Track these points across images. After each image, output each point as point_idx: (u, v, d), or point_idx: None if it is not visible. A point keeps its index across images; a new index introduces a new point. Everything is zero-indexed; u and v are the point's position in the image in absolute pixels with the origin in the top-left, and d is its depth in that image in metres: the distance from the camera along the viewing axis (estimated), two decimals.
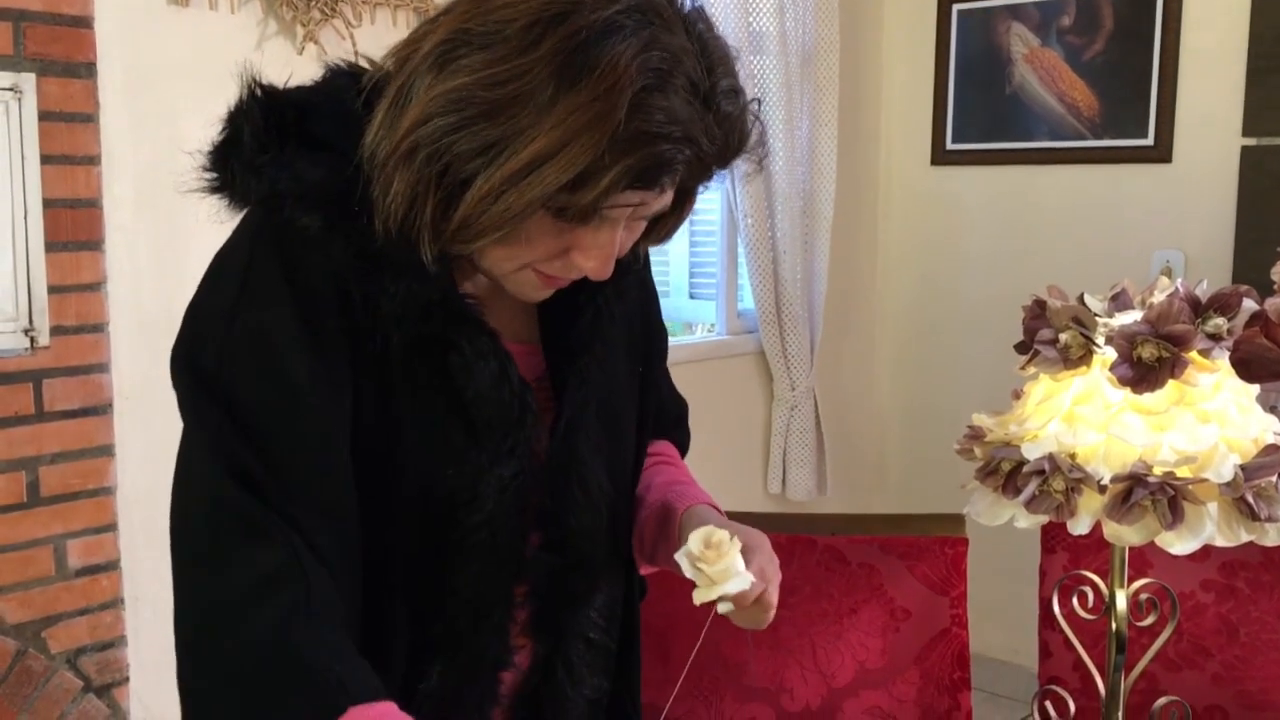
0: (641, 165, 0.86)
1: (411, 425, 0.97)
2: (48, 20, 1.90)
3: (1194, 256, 3.10)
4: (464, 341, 0.96)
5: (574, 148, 0.84)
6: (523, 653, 1.09)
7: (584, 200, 0.87)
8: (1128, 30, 3.14)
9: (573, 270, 0.96)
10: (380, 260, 0.92)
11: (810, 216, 3.22)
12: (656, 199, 0.92)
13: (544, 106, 0.84)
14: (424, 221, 0.90)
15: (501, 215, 0.87)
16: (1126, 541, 1.21)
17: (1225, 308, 1.22)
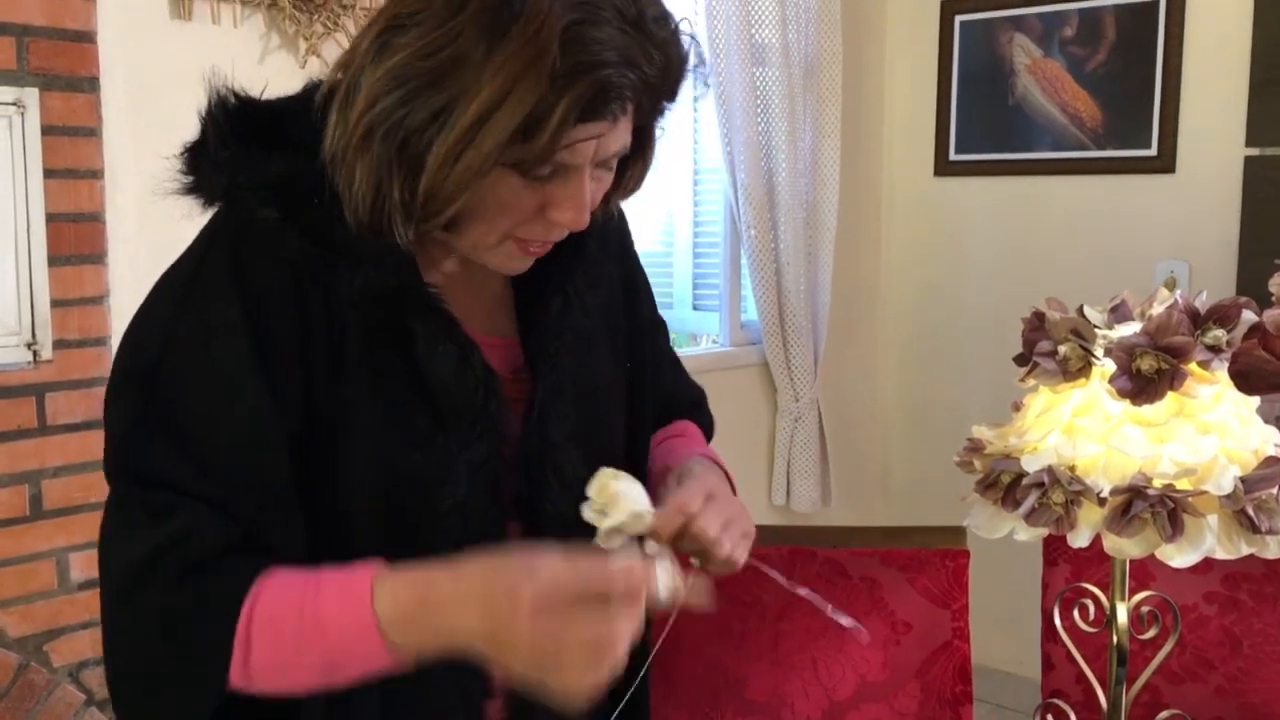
0: (587, 95, 0.89)
1: (373, 413, 0.98)
2: (51, 35, 1.91)
3: (1198, 267, 3.09)
4: (423, 329, 0.98)
5: (517, 93, 0.87)
6: None
7: (540, 143, 0.89)
8: (1130, 41, 3.14)
9: (552, 230, 0.98)
10: (338, 250, 0.95)
11: (813, 227, 3.22)
12: (611, 131, 0.94)
13: (481, 62, 0.88)
14: (394, 203, 0.93)
15: (464, 175, 0.90)
16: (1126, 554, 1.20)
17: (1224, 319, 1.22)
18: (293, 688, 0.93)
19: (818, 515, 3.34)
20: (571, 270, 1.09)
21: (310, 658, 0.91)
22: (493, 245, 0.99)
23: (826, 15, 3.17)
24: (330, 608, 0.91)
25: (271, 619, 0.91)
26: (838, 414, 3.44)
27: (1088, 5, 3.20)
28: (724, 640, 1.65)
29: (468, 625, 0.90)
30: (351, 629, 0.90)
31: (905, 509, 3.70)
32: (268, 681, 0.93)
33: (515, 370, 1.08)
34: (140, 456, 0.95)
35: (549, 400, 1.07)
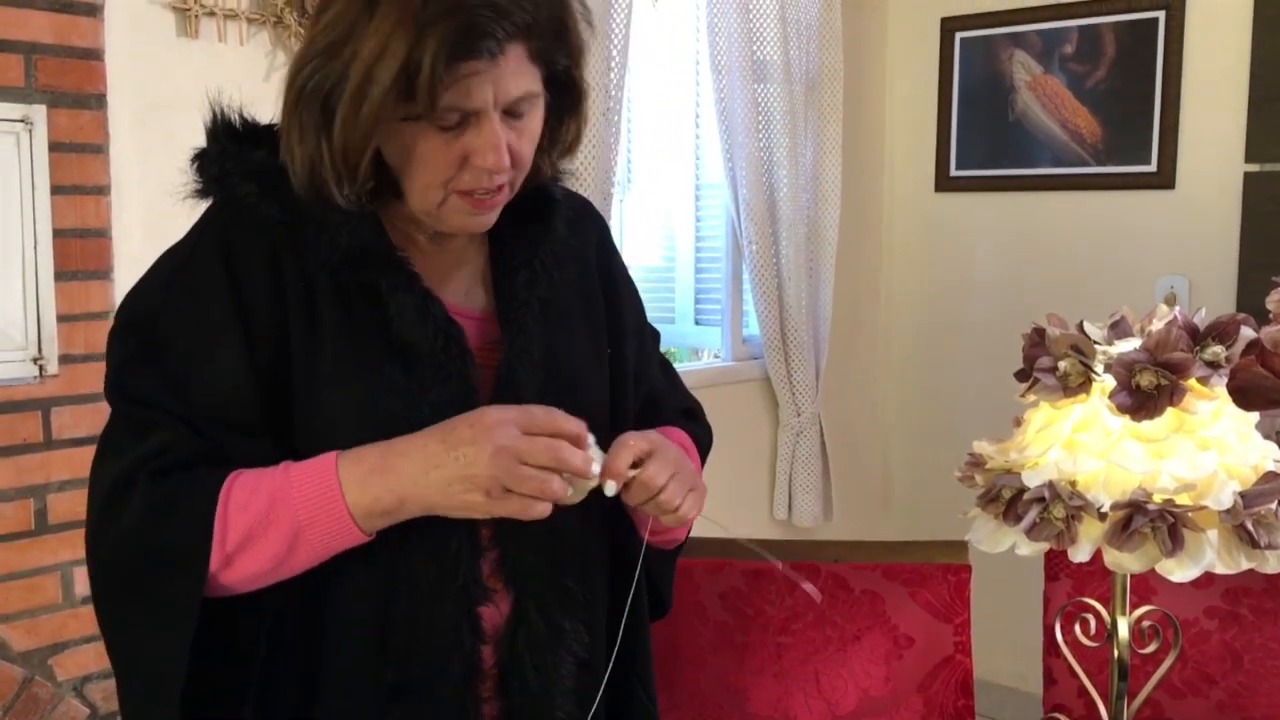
0: (453, 34, 0.99)
1: (346, 364, 1.08)
2: (59, 53, 1.93)
3: (1198, 282, 3.10)
4: (386, 283, 1.08)
5: (391, 44, 0.99)
6: (499, 595, 1.13)
7: (423, 87, 1.00)
8: (1130, 57, 3.15)
9: (483, 177, 1.07)
10: (309, 217, 1.08)
11: (815, 243, 3.23)
12: (494, 70, 1.02)
13: (365, 25, 1.01)
14: (324, 165, 1.05)
15: (365, 127, 1.02)
16: (1127, 569, 1.21)
17: (1223, 336, 1.23)
18: (262, 566, 1.04)
19: (819, 530, 3.34)
20: (537, 245, 1.18)
21: (277, 527, 1.03)
22: (438, 202, 1.09)
23: (828, 32, 3.19)
24: (296, 477, 1.04)
25: (244, 496, 1.03)
26: (839, 428, 3.45)
27: (1087, 22, 3.21)
28: (726, 653, 1.65)
29: (420, 460, 1.02)
30: (314, 491, 1.02)
31: (907, 523, 3.71)
32: (242, 562, 1.03)
33: (491, 342, 1.16)
34: (134, 382, 1.08)
35: (516, 362, 1.14)
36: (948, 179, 3.53)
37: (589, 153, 2.58)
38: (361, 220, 1.08)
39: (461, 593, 1.10)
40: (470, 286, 1.18)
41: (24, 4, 1.89)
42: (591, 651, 1.19)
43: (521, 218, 1.18)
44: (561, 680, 1.15)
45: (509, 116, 1.07)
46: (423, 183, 1.07)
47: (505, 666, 1.13)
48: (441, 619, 1.10)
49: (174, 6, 2.08)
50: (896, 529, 3.72)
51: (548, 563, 1.14)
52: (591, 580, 1.20)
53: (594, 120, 2.58)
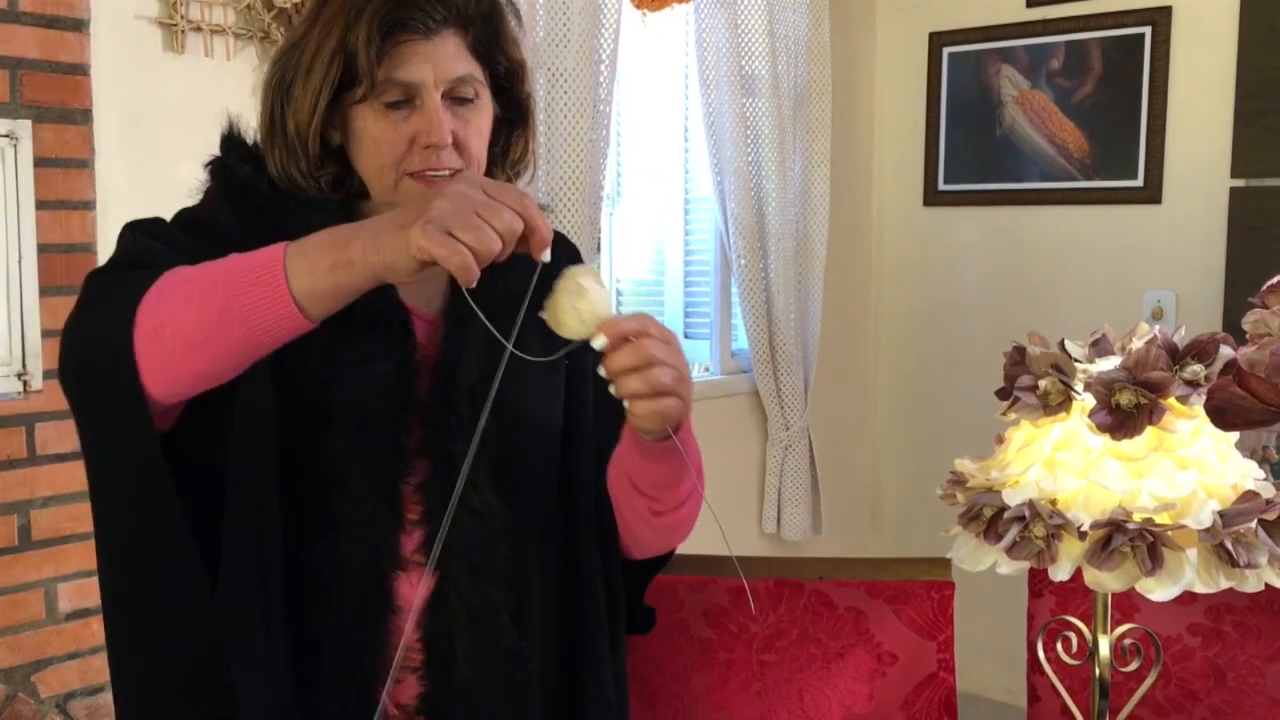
0: (384, 10, 1.11)
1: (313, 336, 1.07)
2: (44, 68, 1.93)
3: (1185, 297, 3.11)
4: None
5: (331, 30, 1.12)
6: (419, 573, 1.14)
7: (362, 63, 1.10)
8: (1116, 73, 3.17)
9: (430, 156, 1.14)
10: (294, 196, 1.17)
11: (804, 257, 3.24)
12: (429, 45, 1.12)
13: (315, 23, 1.14)
14: (286, 152, 1.16)
15: (312, 98, 1.13)
16: (1107, 588, 1.21)
17: (1202, 355, 1.24)
18: (189, 336, 1.00)
19: (809, 544, 3.34)
20: None
21: (210, 288, 1.00)
22: (393, 185, 1.16)
23: (816, 47, 3.20)
24: (238, 257, 1.02)
25: (184, 273, 1.04)
26: (828, 442, 3.45)
27: (1074, 37, 3.23)
28: (709, 670, 1.65)
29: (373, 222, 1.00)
30: (256, 257, 1.01)
31: (896, 537, 3.71)
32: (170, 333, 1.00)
33: (438, 343, 1.20)
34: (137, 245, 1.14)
35: (453, 352, 1.18)
36: (936, 193, 3.54)
37: (578, 166, 2.59)
38: (332, 213, 1.15)
39: (374, 556, 1.13)
40: (433, 295, 1.23)
41: (10, 19, 1.89)
42: (526, 643, 1.20)
43: None
44: (489, 669, 1.16)
45: (454, 102, 1.15)
46: (376, 165, 1.16)
47: (429, 646, 1.15)
48: (352, 579, 1.13)
49: (160, 22, 2.08)
50: (886, 542, 3.72)
51: (473, 547, 1.15)
52: (524, 571, 1.21)
53: (583, 134, 2.59)
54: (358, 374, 1.13)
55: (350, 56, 1.11)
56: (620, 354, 1.05)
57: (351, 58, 1.11)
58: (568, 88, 2.56)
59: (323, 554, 1.13)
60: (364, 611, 1.14)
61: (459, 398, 1.16)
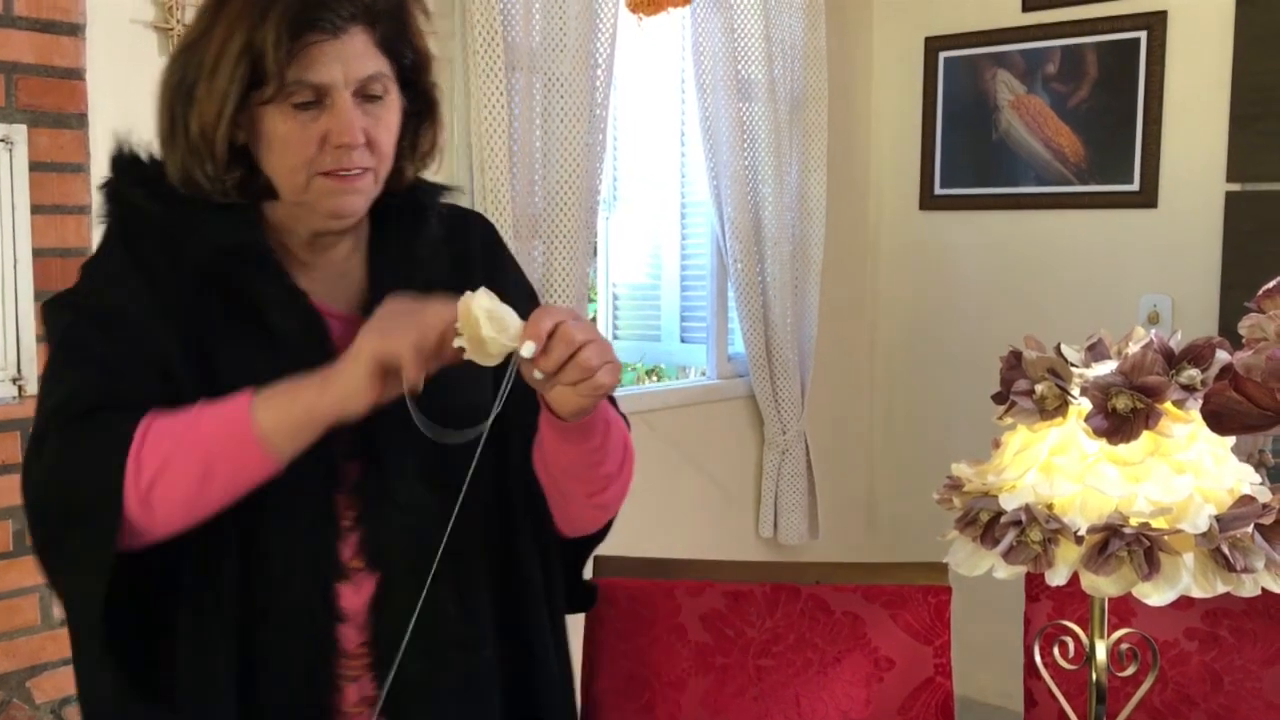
0: (291, 12, 1.09)
1: (222, 349, 1.14)
2: (40, 73, 1.93)
3: (1181, 301, 3.11)
4: (255, 277, 1.15)
5: (237, 28, 1.10)
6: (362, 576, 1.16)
7: (269, 62, 1.08)
8: (1112, 77, 3.17)
9: (342, 156, 1.13)
10: (185, 216, 1.16)
11: (800, 261, 3.24)
12: (337, 44, 1.11)
13: (216, 19, 1.12)
14: (190, 154, 1.13)
15: (218, 107, 1.11)
16: (1104, 592, 1.21)
17: (1199, 359, 1.23)
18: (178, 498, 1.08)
19: (805, 548, 3.34)
20: (408, 249, 1.24)
21: (189, 455, 1.07)
22: (304, 185, 1.14)
23: (812, 51, 3.20)
24: (209, 408, 1.09)
25: (159, 432, 1.08)
26: (825, 446, 3.45)
27: (1070, 42, 3.23)
28: (706, 675, 1.65)
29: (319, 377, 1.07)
30: (225, 415, 1.08)
31: (893, 542, 3.71)
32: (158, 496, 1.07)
33: None
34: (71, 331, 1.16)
35: None
36: (932, 197, 3.54)
37: (575, 170, 2.59)
38: (234, 220, 1.16)
39: (314, 569, 1.14)
40: (351, 293, 1.24)
41: (5, 24, 1.89)
42: (476, 631, 1.20)
43: (396, 225, 1.25)
44: (440, 662, 1.16)
45: (364, 100, 1.14)
46: (286, 166, 1.14)
47: (374, 649, 1.16)
48: (295, 596, 1.13)
49: (156, 26, 2.08)
50: (882, 546, 3.72)
51: (413, 544, 1.14)
52: (466, 561, 1.20)
53: (579, 138, 2.59)
54: None
55: (257, 57, 1.09)
56: (552, 353, 1.07)
57: (259, 58, 1.09)
58: (564, 92, 2.57)
59: (264, 573, 1.13)
60: (312, 625, 1.14)
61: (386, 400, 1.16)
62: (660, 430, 3.07)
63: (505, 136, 2.45)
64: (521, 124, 2.51)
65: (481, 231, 1.34)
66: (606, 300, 3.35)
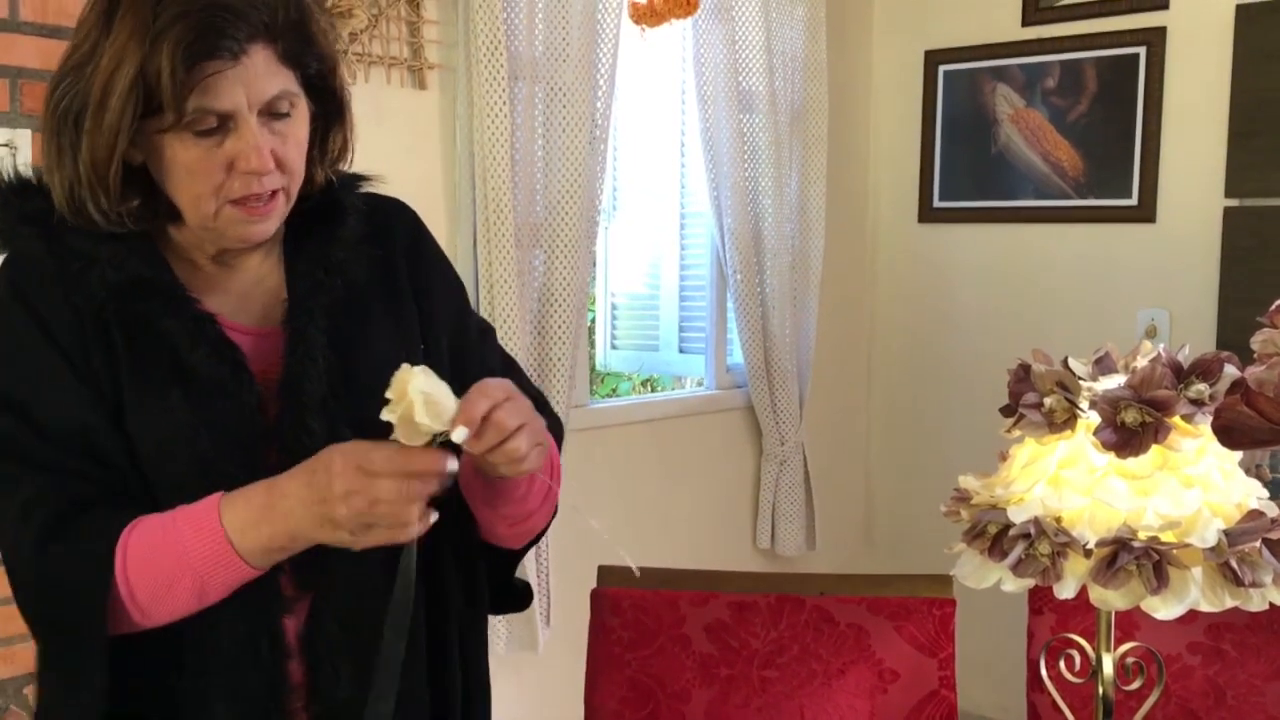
0: (186, 37, 1.01)
1: (135, 390, 1.10)
2: (45, 77, 1.92)
3: (1179, 315, 3.12)
4: (159, 310, 1.10)
5: (126, 54, 1.02)
6: (296, 601, 1.14)
7: (166, 93, 1.02)
8: (1111, 92, 3.19)
9: (251, 182, 1.08)
10: (76, 253, 1.09)
11: (799, 272, 3.25)
12: (237, 69, 1.04)
13: (103, 42, 1.04)
14: (80, 184, 1.07)
15: (109, 138, 1.04)
16: (1112, 606, 1.21)
17: (1207, 373, 1.24)
18: (177, 612, 1.08)
19: (802, 560, 3.34)
20: (324, 253, 1.18)
21: (182, 584, 1.07)
22: (213, 213, 1.09)
23: (813, 64, 3.21)
24: (184, 539, 1.06)
25: (140, 561, 1.06)
26: (823, 458, 3.45)
27: (1069, 57, 3.25)
28: (710, 685, 1.65)
29: (296, 502, 1.04)
30: (207, 549, 1.06)
31: (890, 554, 3.71)
32: (159, 614, 1.08)
33: (282, 355, 1.15)
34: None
35: (298, 370, 1.14)
36: (931, 210, 3.55)
37: (575, 180, 2.59)
38: (130, 251, 1.10)
39: (256, 605, 1.11)
40: (268, 304, 1.19)
41: (10, 28, 1.89)
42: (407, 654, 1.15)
43: (311, 230, 1.20)
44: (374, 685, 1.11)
45: (270, 119, 1.08)
46: (192, 194, 1.08)
47: (313, 672, 1.13)
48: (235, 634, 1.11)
49: None
50: (879, 558, 3.72)
51: (345, 563, 1.11)
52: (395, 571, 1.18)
53: (580, 148, 2.59)
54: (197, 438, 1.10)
55: (150, 86, 1.02)
56: (483, 440, 1.05)
57: (151, 89, 1.02)
58: (565, 102, 2.57)
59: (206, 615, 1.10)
60: (257, 661, 1.11)
61: (310, 417, 1.13)
62: (657, 440, 3.07)
63: (507, 145, 2.46)
64: (523, 133, 2.52)
65: (404, 225, 1.29)
66: (605, 309, 3.35)
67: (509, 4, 2.46)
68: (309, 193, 1.18)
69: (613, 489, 2.92)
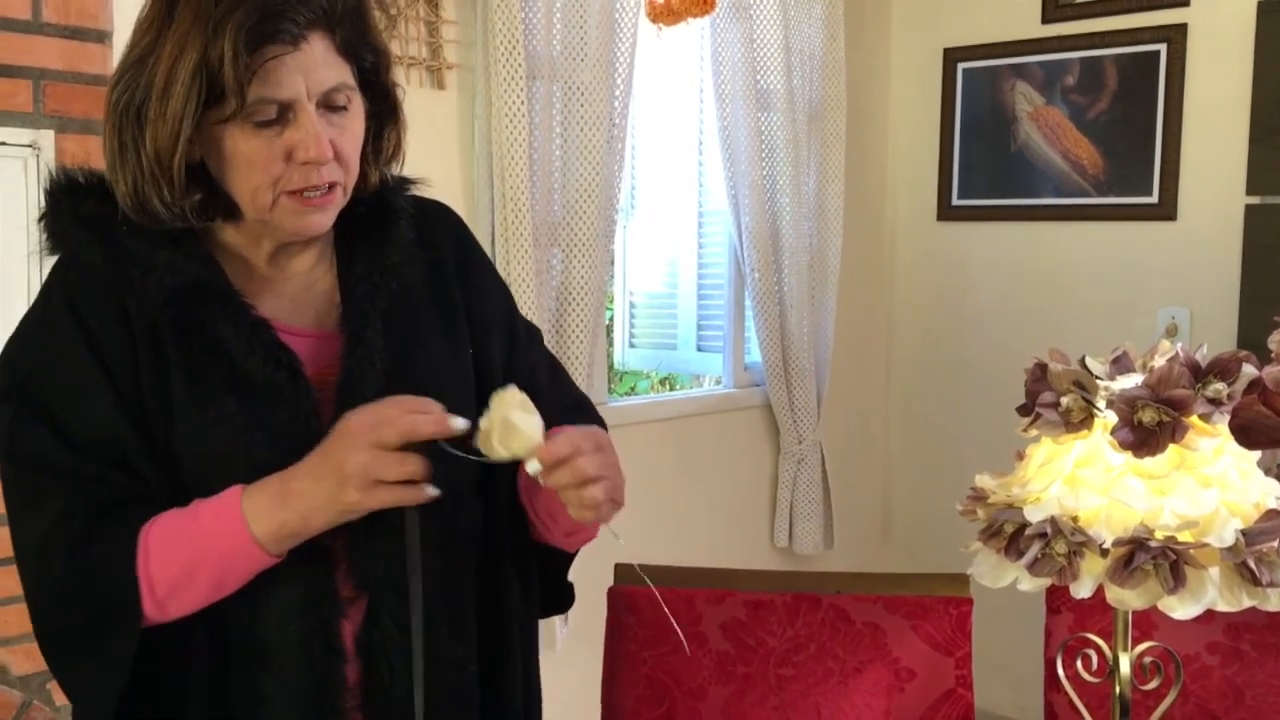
0: (247, 22, 1.03)
1: (188, 396, 1.10)
2: (67, 79, 1.94)
3: (1199, 313, 3.11)
4: (216, 315, 1.11)
5: (188, 43, 1.03)
6: (353, 604, 1.14)
7: (228, 79, 1.03)
8: (1131, 89, 3.17)
9: (310, 173, 1.09)
10: (133, 259, 1.10)
11: (817, 271, 3.24)
12: (296, 55, 1.05)
13: (164, 34, 1.05)
14: (145, 177, 1.07)
15: (173, 128, 1.05)
16: (1129, 605, 1.21)
17: (1225, 372, 1.23)
18: (196, 602, 1.09)
19: (820, 558, 3.34)
20: (378, 257, 1.19)
21: (202, 573, 1.08)
22: (269, 204, 1.10)
23: (831, 62, 3.21)
24: (206, 528, 1.07)
25: (162, 552, 1.07)
26: (840, 456, 3.45)
27: (1089, 54, 3.23)
28: (727, 684, 1.65)
29: (308, 474, 1.05)
30: (225, 539, 1.07)
31: (908, 552, 3.70)
32: (175, 603, 1.08)
33: (337, 358, 1.16)
34: (23, 440, 1.10)
35: (356, 374, 1.15)
36: (950, 208, 3.54)
37: (594, 179, 2.60)
38: (188, 257, 1.11)
39: (313, 607, 1.11)
40: (322, 308, 1.20)
41: (33, 30, 1.90)
42: (463, 650, 1.19)
43: (364, 232, 1.21)
44: (431, 682, 1.14)
45: (329, 110, 1.09)
46: (250, 185, 1.09)
47: (369, 673, 1.14)
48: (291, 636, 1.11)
49: None
50: (897, 557, 3.72)
51: (397, 567, 1.13)
52: (457, 578, 1.19)
53: (598, 147, 2.60)
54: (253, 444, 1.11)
55: (213, 74, 1.03)
56: (556, 475, 1.09)
57: (215, 75, 1.03)
58: (584, 101, 2.58)
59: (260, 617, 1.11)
60: (311, 662, 1.11)
61: None
62: (675, 439, 3.08)
63: (525, 145, 2.46)
64: (541, 132, 2.52)
65: (451, 228, 1.30)
66: (623, 308, 3.36)
67: (527, 4, 2.47)
68: (363, 193, 1.19)
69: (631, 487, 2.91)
